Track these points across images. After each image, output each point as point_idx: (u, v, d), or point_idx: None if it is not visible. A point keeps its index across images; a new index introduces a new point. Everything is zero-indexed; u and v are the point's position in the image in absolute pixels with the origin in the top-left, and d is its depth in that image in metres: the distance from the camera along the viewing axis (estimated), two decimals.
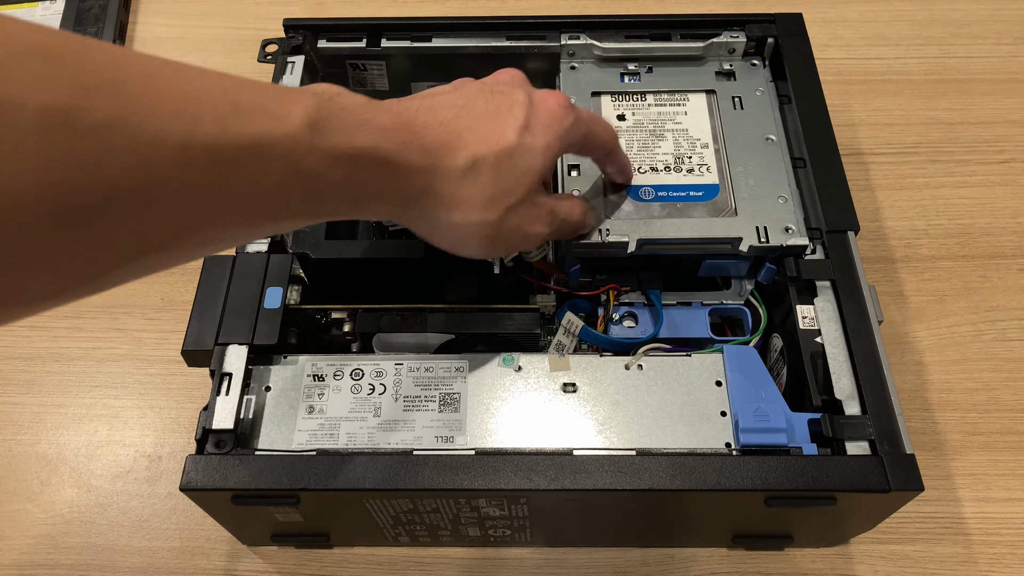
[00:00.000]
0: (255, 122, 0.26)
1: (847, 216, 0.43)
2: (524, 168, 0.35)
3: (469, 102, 0.35)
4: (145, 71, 0.24)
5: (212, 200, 0.26)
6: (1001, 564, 0.45)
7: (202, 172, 0.25)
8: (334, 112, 0.29)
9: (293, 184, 0.28)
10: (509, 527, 0.42)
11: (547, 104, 0.36)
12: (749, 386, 0.39)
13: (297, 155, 0.28)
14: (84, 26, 0.67)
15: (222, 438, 0.37)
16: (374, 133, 0.31)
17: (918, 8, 0.69)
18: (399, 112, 0.33)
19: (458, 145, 0.33)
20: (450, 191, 0.34)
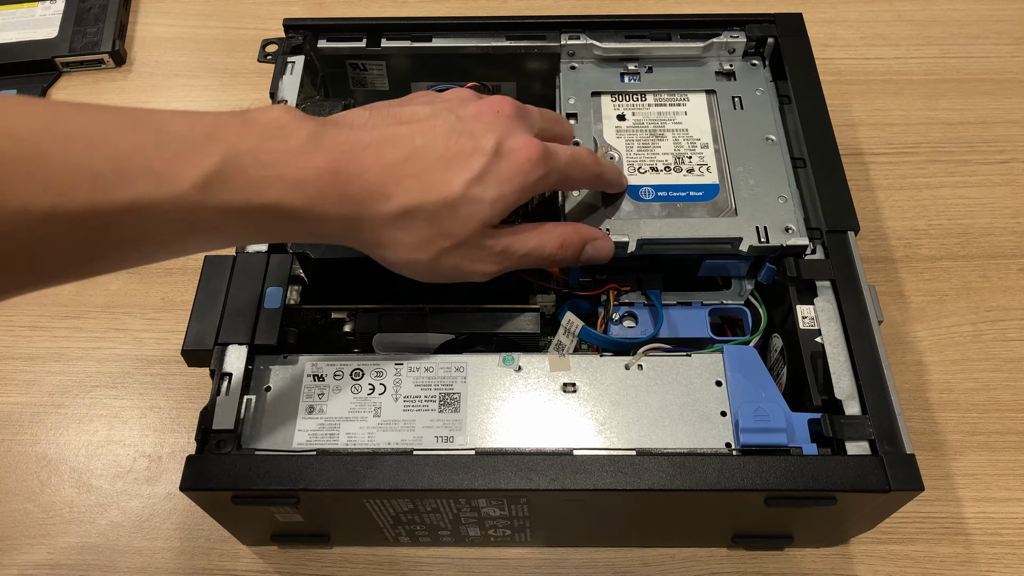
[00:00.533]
0: (136, 186, 0.27)
1: (847, 216, 0.43)
2: (465, 217, 0.34)
3: (429, 143, 0.34)
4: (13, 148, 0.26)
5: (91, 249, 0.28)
6: (1001, 564, 0.45)
7: (73, 234, 0.27)
8: (241, 168, 0.30)
9: (180, 233, 0.30)
10: (509, 527, 0.42)
11: (514, 157, 0.35)
12: (749, 386, 0.39)
13: (184, 213, 0.29)
14: (84, 26, 0.67)
15: (222, 438, 0.37)
16: (284, 188, 0.30)
17: (918, 8, 0.69)
18: (338, 154, 0.32)
19: (393, 193, 0.33)
20: (376, 236, 0.34)
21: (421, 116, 0.35)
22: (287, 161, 0.31)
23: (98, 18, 0.67)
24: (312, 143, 0.32)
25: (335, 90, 0.55)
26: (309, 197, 0.31)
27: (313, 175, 0.31)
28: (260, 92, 0.63)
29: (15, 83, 0.65)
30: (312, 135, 0.32)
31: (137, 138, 0.28)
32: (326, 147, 0.32)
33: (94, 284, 0.56)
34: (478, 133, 0.35)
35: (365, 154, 0.33)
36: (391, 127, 0.34)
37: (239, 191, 0.30)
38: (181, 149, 0.29)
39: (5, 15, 0.68)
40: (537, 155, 0.35)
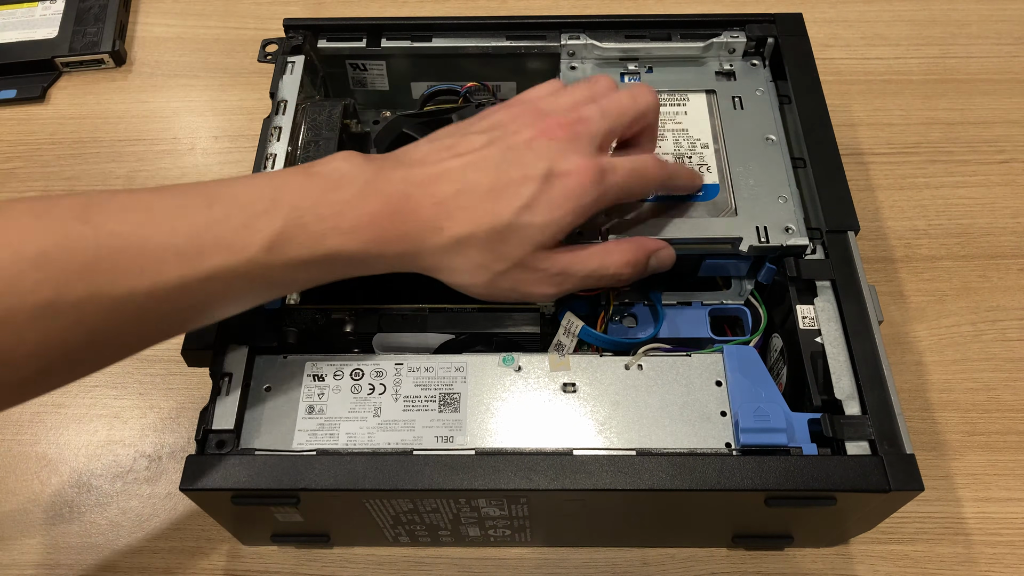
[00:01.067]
0: (215, 259, 0.32)
1: (847, 216, 0.43)
2: (517, 243, 0.35)
3: (480, 176, 0.35)
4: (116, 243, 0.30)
5: (181, 314, 0.33)
6: (1001, 564, 0.45)
7: (167, 303, 0.31)
8: (302, 225, 0.33)
9: (258, 288, 0.34)
10: (509, 527, 0.42)
11: (565, 182, 0.35)
12: (749, 386, 0.39)
13: (256, 273, 0.33)
14: (84, 26, 0.67)
15: (222, 438, 0.37)
16: (342, 237, 0.33)
17: (918, 8, 0.69)
18: (393, 196, 0.34)
19: (446, 225, 0.34)
20: (434, 263, 0.36)
21: (476, 146, 0.36)
22: (344, 212, 0.33)
23: (98, 18, 0.67)
24: (369, 188, 0.34)
25: (335, 90, 0.55)
26: (365, 241, 0.34)
27: (367, 220, 0.34)
28: (260, 92, 0.63)
29: (15, 83, 0.65)
30: (369, 181, 0.34)
31: (211, 213, 0.32)
32: (381, 191, 0.34)
33: None
34: (528, 162, 0.35)
35: (418, 192, 0.35)
36: (445, 161, 0.36)
37: (302, 246, 0.33)
38: (249, 218, 0.32)
39: (5, 15, 0.68)
40: (590, 178, 0.36)
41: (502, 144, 0.36)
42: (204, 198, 0.33)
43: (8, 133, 0.64)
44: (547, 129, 0.37)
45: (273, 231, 0.32)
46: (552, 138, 0.36)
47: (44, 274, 0.29)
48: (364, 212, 0.34)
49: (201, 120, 0.64)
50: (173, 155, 0.62)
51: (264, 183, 0.34)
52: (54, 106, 0.65)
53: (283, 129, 0.47)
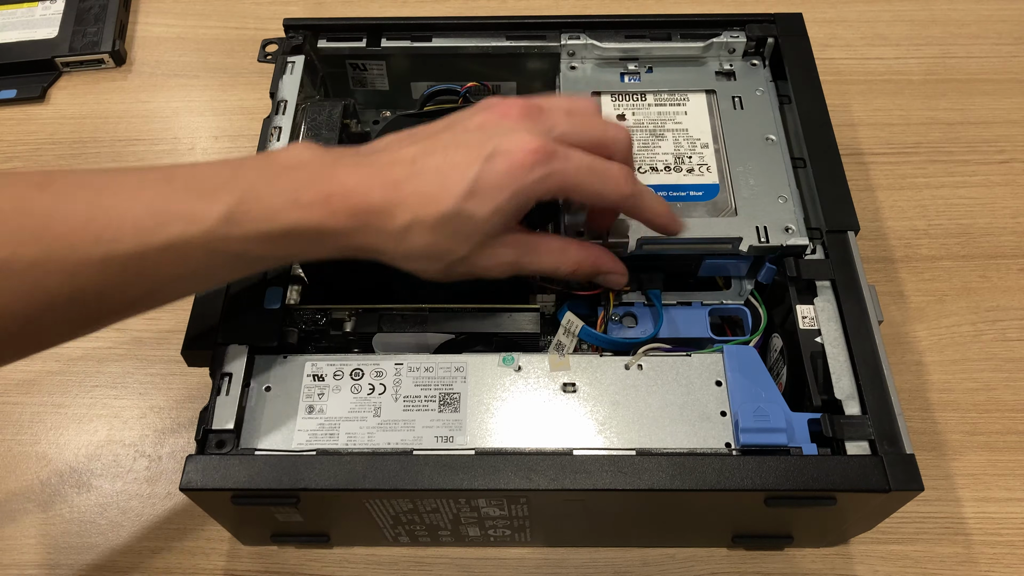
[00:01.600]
0: (171, 228, 0.32)
1: (847, 216, 0.43)
2: (466, 232, 0.35)
3: (429, 157, 0.35)
4: (72, 208, 0.31)
5: (141, 285, 0.33)
6: (1001, 564, 0.45)
7: (125, 273, 0.32)
8: (259, 199, 0.33)
9: (217, 263, 0.34)
10: (509, 527, 0.42)
11: (506, 159, 0.34)
12: (749, 386, 0.39)
13: (215, 244, 0.33)
14: (84, 26, 0.67)
15: (222, 438, 0.37)
16: (298, 210, 0.34)
17: (918, 8, 0.69)
18: (349, 177, 0.35)
19: (397, 210, 0.34)
20: (388, 246, 0.36)
21: (432, 132, 0.37)
22: (299, 189, 0.34)
23: (98, 18, 0.67)
24: (326, 171, 0.35)
25: (335, 90, 0.55)
26: (321, 217, 0.34)
27: (323, 198, 0.34)
28: (260, 92, 0.63)
29: (15, 83, 0.65)
30: (326, 165, 0.35)
31: (170, 187, 0.33)
32: (338, 173, 0.35)
33: None
34: (473, 143, 0.35)
35: (372, 177, 0.35)
36: (402, 148, 0.36)
37: (258, 219, 0.33)
38: (207, 191, 0.33)
39: (5, 15, 0.68)
40: (533, 156, 0.34)
41: (456, 128, 0.36)
42: (163, 175, 0.34)
43: (8, 133, 0.64)
44: (502, 112, 0.36)
45: (230, 202, 0.33)
46: (504, 118, 0.35)
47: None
48: (320, 190, 0.34)
49: (201, 120, 0.64)
50: (173, 155, 0.62)
51: (223, 164, 0.35)
52: (54, 106, 0.65)
53: (283, 129, 0.47)
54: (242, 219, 0.33)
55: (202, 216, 0.32)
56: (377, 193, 0.34)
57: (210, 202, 0.33)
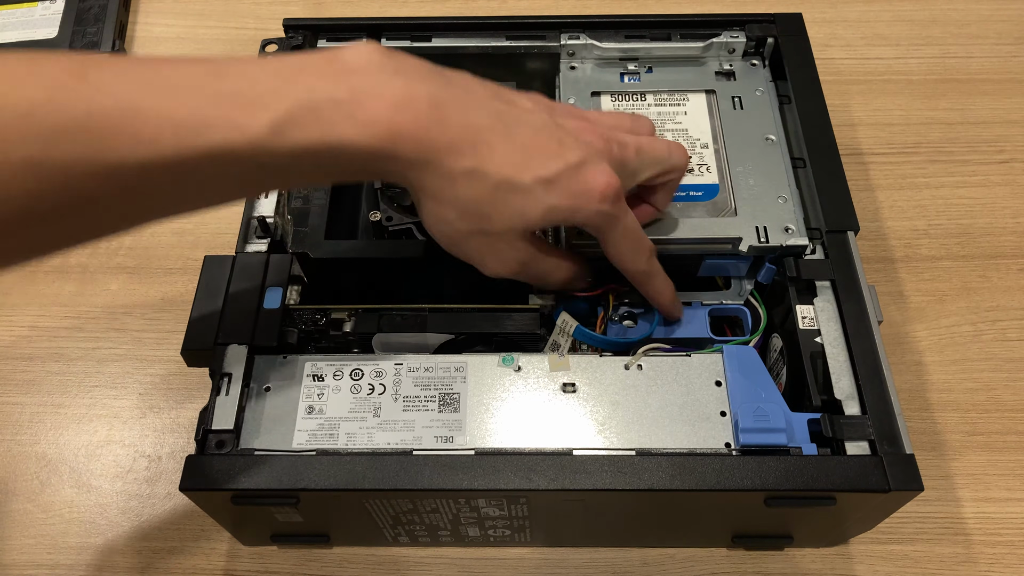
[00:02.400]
0: (214, 134, 0.29)
1: (847, 216, 0.43)
2: (514, 210, 0.34)
3: (519, 128, 0.34)
4: (110, 103, 0.28)
5: (180, 192, 0.31)
6: (1001, 564, 0.45)
7: (164, 176, 0.29)
8: (313, 109, 0.30)
9: (260, 175, 0.31)
10: (509, 527, 0.42)
11: (589, 182, 0.34)
12: (749, 386, 0.39)
13: (260, 155, 0.30)
14: (84, 26, 0.67)
15: (222, 438, 0.37)
16: (356, 127, 0.31)
17: (918, 8, 0.69)
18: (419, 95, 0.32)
19: (467, 152, 0.32)
20: (434, 186, 0.33)
21: (523, 105, 0.35)
22: (362, 100, 0.31)
23: (98, 18, 0.67)
24: (396, 80, 0.32)
25: None
26: (379, 138, 0.31)
27: (386, 114, 0.31)
28: None
29: None
30: (399, 71, 0.32)
31: (218, 86, 0.30)
32: (409, 87, 0.32)
33: (94, 284, 0.56)
34: (568, 143, 0.34)
35: (451, 106, 0.32)
36: (489, 99, 0.34)
37: (310, 131, 0.30)
38: (258, 96, 0.30)
39: (5, 15, 0.68)
40: (612, 193, 0.35)
41: (548, 117, 0.35)
42: (213, 70, 0.30)
43: None
44: (591, 129, 0.36)
45: (282, 110, 0.30)
46: (593, 139, 0.36)
47: (32, 129, 0.27)
48: (384, 103, 0.31)
49: None
50: None
51: (279, 63, 0.31)
52: None
53: None
54: (293, 130, 0.30)
55: (249, 124, 0.30)
56: (454, 130, 0.32)
57: (260, 109, 0.30)
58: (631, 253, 0.38)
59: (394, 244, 0.45)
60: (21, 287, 0.56)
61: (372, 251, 0.44)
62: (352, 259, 0.44)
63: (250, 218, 0.44)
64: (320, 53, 0.32)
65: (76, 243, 0.31)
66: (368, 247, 0.45)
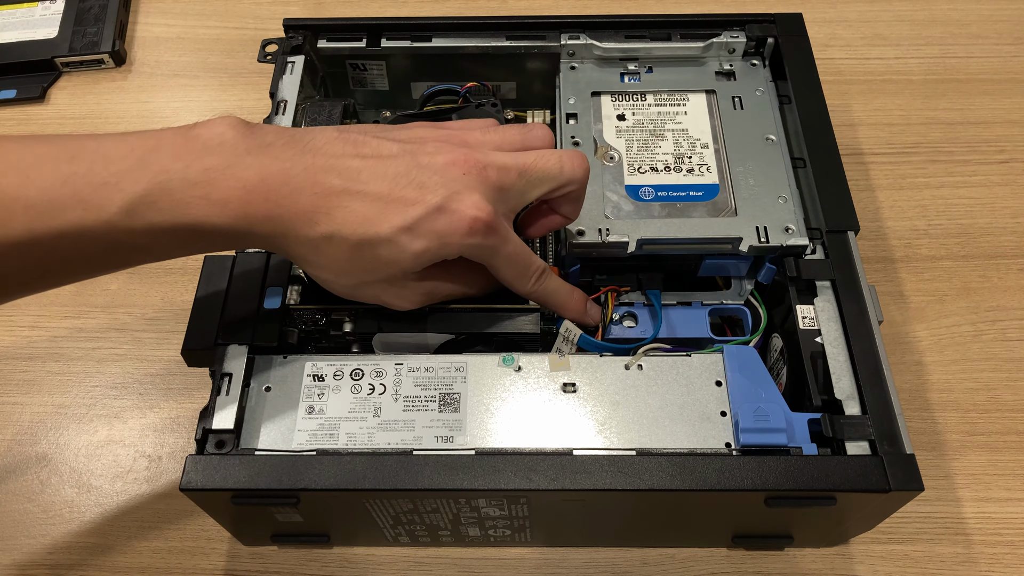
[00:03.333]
0: (68, 215, 0.30)
1: (847, 216, 0.43)
2: (386, 260, 0.34)
3: (375, 183, 0.33)
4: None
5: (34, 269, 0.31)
6: (1001, 564, 0.45)
7: (19, 258, 0.30)
8: (167, 190, 0.31)
9: (116, 253, 0.32)
10: (509, 527, 0.42)
11: (455, 217, 0.33)
12: (749, 386, 0.39)
13: (115, 235, 0.31)
14: (84, 26, 0.67)
15: (222, 438, 0.37)
16: (208, 207, 0.31)
17: (918, 8, 0.69)
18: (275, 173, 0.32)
19: (321, 220, 0.33)
20: (301, 253, 0.35)
21: (383, 153, 0.35)
22: (215, 180, 0.31)
23: (98, 18, 0.67)
24: (249, 159, 0.32)
25: (335, 90, 0.55)
26: (234, 216, 0.32)
27: (239, 195, 0.32)
28: (260, 92, 0.63)
29: (15, 83, 0.65)
30: (250, 151, 0.32)
31: (71, 168, 0.30)
32: (262, 165, 0.32)
33: (94, 284, 0.56)
34: (430, 185, 0.34)
35: (302, 177, 0.33)
36: (345, 158, 0.34)
37: (165, 212, 0.31)
38: (111, 175, 0.30)
39: (5, 15, 0.68)
40: (480, 227, 0.34)
41: (410, 159, 0.35)
42: (67, 151, 0.31)
43: (8, 133, 0.64)
44: (460, 161, 0.35)
45: (135, 192, 0.30)
46: (462, 171, 0.35)
47: None
48: (237, 184, 0.32)
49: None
50: None
51: (136, 141, 0.32)
52: (54, 106, 0.65)
53: None
54: (147, 211, 0.31)
55: (102, 205, 0.30)
56: (305, 200, 0.33)
57: (113, 190, 0.30)
58: (516, 279, 0.38)
59: None
60: None
61: None
62: None
63: None
64: (177, 131, 0.33)
65: None
66: None
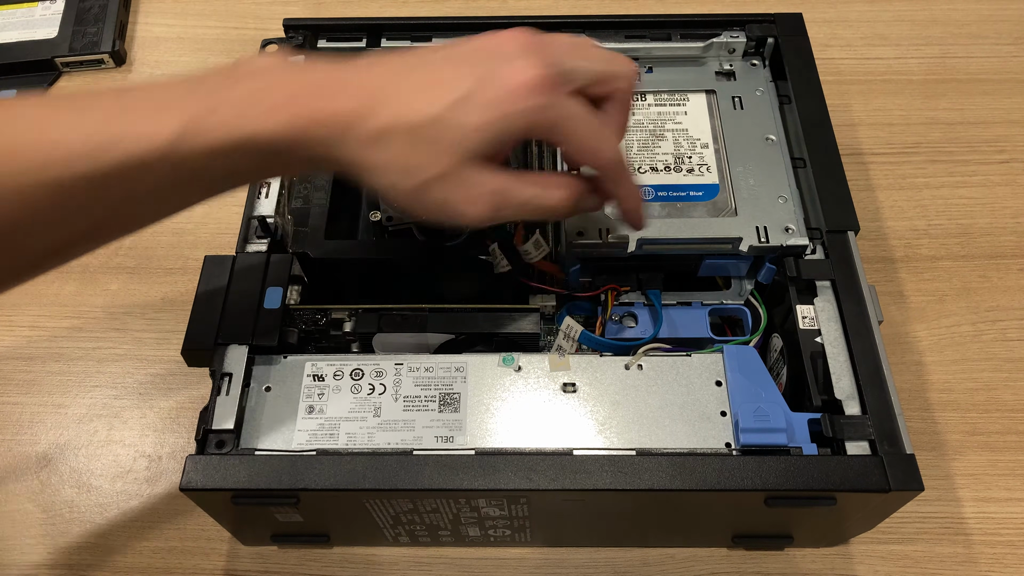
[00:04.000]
0: (123, 147, 0.30)
1: (847, 216, 0.43)
2: (447, 144, 0.32)
3: (421, 69, 0.33)
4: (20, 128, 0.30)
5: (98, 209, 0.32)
6: (1001, 564, 0.45)
7: (78, 197, 0.30)
8: (217, 111, 0.31)
9: (177, 182, 0.32)
10: (509, 527, 0.42)
11: (506, 81, 0.32)
12: (749, 386, 0.39)
13: (172, 162, 0.31)
14: (84, 26, 0.67)
15: (222, 438, 0.37)
16: (259, 116, 0.31)
17: (918, 8, 0.69)
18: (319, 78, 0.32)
19: (371, 113, 0.32)
20: (358, 157, 0.32)
21: (419, 52, 0.35)
22: (261, 97, 0.32)
23: (98, 18, 0.67)
24: (291, 73, 0.32)
25: None
26: (284, 122, 0.31)
27: (286, 100, 0.32)
28: None
29: (15, 83, 0.65)
30: (292, 68, 0.33)
31: (120, 104, 0.31)
32: (305, 74, 0.33)
33: (94, 284, 0.56)
34: (475, 61, 0.33)
35: (347, 75, 0.33)
36: (384, 59, 0.33)
37: (215, 131, 0.31)
38: (162, 105, 0.31)
39: (5, 15, 0.68)
40: (534, 81, 0.32)
41: (450, 50, 0.34)
42: (115, 94, 0.32)
43: None
44: (502, 40, 0.34)
45: (186, 115, 0.31)
46: (504, 46, 0.33)
47: None
48: (286, 91, 0.32)
49: None
50: None
51: (185, 78, 0.33)
52: None
53: None
54: (199, 132, 0.31)
55: (155, 131, 0.30)
56: (353, 94, 0.32)
57: (164, 117, 0.31)
58: (594, 140, 0.34)
59: (394, 244, 0.45)
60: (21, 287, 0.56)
61: (372, 251, 0.44)
62: (352, 259, 0.44)
63: (250, 218, 0.44)
64: (219, 66, 0.33)
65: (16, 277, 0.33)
66: (368, 247, 0.45)
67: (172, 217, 0.34)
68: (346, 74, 0.33)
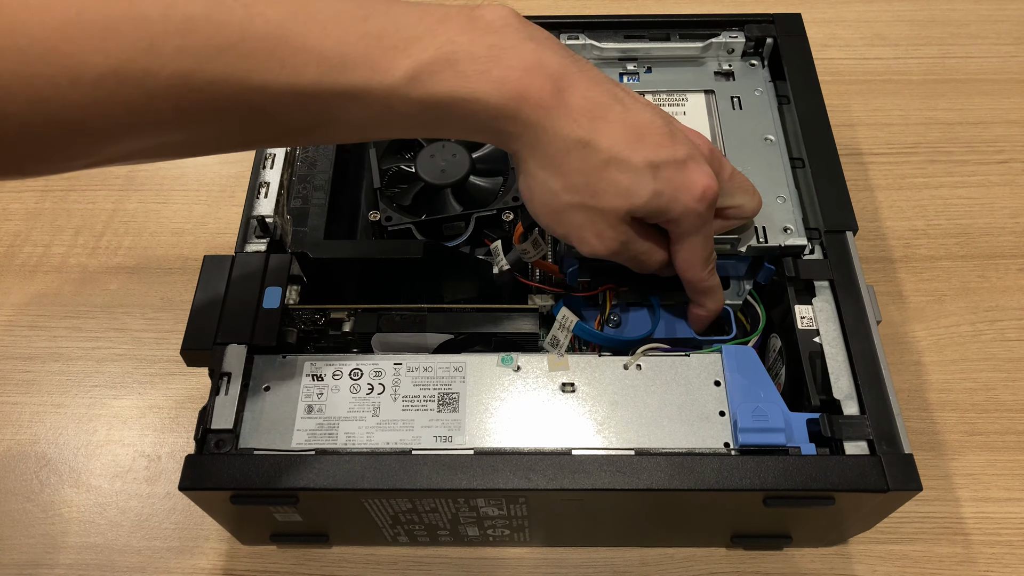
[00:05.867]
0: (354, 74, 0.30)
1: (846, 216, 0.43)
2: (621, 187, 0.34)
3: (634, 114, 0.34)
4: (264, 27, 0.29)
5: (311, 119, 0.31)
6: (1000, 564, 0.45)
7: (300, 105, 0.30)
8: (451, 62, 0.31)
9: (387, 119, 0.32)
10: (508, 527, 0.42)
11: (692, 179, 0.35)
12: (748, 386, 0.39)
13: (391, 100, 0.31)
14: None
15: (221, 438, 0.37)
16: (488, 83, 0.32)
17: (918, 8, 0.69)
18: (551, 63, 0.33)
19: (584, 123, 0.33)
20: (549, 152, 0.34)
21: (636, 96, 0.36)
22: (499, 56, 0.32)
23: None
24: (531, 45, 0.33)
25: None
26: (509, 95, 0.32)
27: (518, 74, 0.32)
28: None
29: None
30: (532, 38, 0.33)
31: (365, 27, 0.31)
32: (543, 54, 0.33)
33: (94, 284, 0.56)
34: (678, 138, 0.35)
35: (580, 77, 0.33)
36: (608, 82, 0.35)
37: (443, 83, 0.31)
38: (401, 41, 0.31)
39: None
40: (711, 195, 0.35)
41: (659, 112, 0.36)
42: (362, 9, 0.31)
43: None
44: (697, 135, 0.38)
45: (421, 60, 0.31)
46: (700, 143, 0.37)
47: (187, 42, 0.28)
48: (518, 64, 0.32)
49: None
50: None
51: (424, 11, 0.32)
52: None
53: None
54: (428, 80, 0.31)
55: (389, 68, 0.31)
56: (577, 100, 0.33)
57: (401, 54, 0.31)
58: (702, 262, 0.38)
59: (394, 244, 0.45)
60: (21, 287, 0.56)
61: (372, 251, 0.44)
62: (351, 259, 0.44)
63: (249, 218, 0.44)
64: (461, 8, 0.33)
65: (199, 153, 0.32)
66: (368, 247, 0.45)
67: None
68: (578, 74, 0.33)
